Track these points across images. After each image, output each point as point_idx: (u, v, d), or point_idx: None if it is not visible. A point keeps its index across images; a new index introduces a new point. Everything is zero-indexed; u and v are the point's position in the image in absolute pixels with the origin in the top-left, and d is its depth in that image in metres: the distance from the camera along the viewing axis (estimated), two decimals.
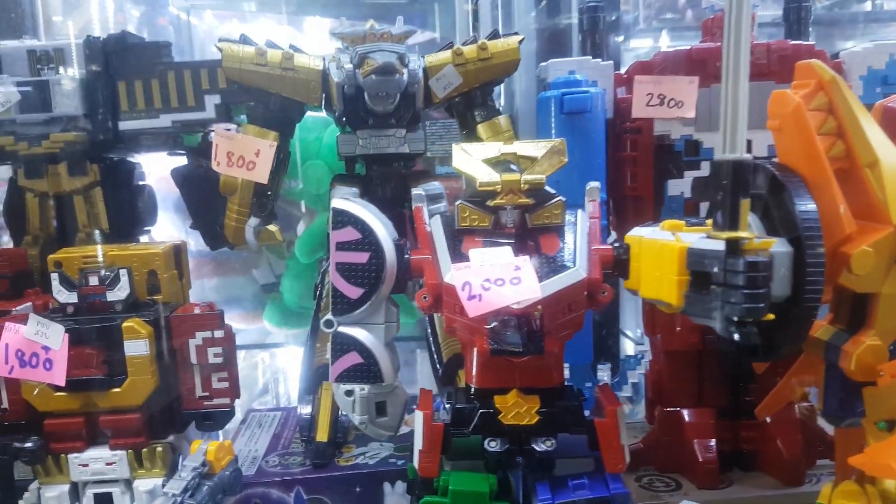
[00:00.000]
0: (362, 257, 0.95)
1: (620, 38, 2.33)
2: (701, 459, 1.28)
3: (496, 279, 0.88)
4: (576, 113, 1.23)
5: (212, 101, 1.41)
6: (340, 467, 1.24)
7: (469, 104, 1.32)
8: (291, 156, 1.45)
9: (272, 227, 1.34)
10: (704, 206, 1.27)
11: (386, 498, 1.21)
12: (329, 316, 0.97)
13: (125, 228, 1.54)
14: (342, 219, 0.95)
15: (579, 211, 1.00)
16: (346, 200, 0.96)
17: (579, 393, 1.00)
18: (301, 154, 1.80)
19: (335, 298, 0.96)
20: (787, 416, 1.31)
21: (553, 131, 1.27)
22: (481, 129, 1.30)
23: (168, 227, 1.79)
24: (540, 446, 0.95)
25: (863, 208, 0.88)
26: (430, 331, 1.35)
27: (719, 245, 0.77)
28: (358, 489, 1.20)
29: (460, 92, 1.29)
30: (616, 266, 0.96)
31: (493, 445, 0.95)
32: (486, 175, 0.94)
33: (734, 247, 0.76)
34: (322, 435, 1.26)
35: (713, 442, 1.29)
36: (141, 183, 1.62)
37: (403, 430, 1.39)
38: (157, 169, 1.71)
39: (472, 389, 0.99)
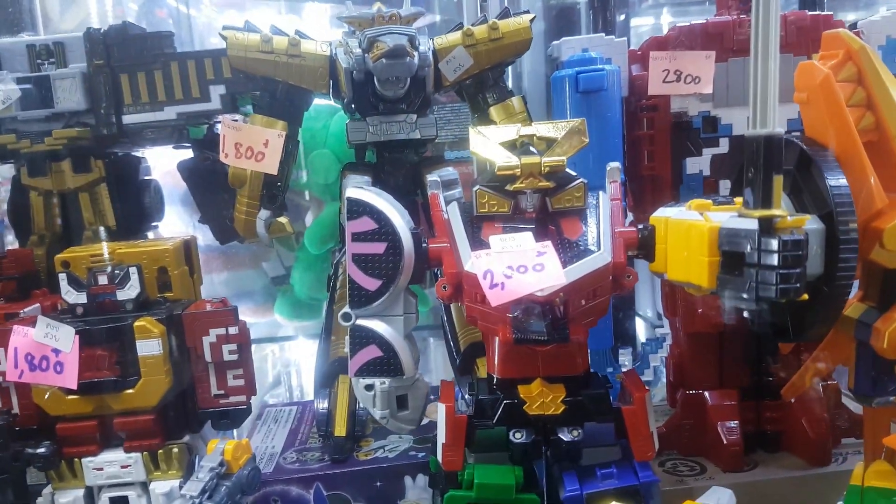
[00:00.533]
0: (379, 248, 0.92)
1: (622, 17, 2.30)
2: (725, 442, 1.26)
3: (519, 266, 0.85)
4: (592, 91, 1.20)
5: (217, 91, 1.38)
6: (360, 462, 1.22)
7: (481, 86, 1.29)
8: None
9: (282, 219, 1.31)
10: (724, 185, 1.24)
11: (407, 491, 1.19)
12: (346, 309, 0.94)
13: (132, 225, 1.52)
14: (358, 209, 0.92)
15: (600, 193, 0.97)
16: (361, 189, 0.94)
17: (605, 380, 0.98)
18: (307, 143, 1.77)
19: (352, 291, 0.94)
20: (812, 396, 1.29)
21: (568, 111, 1.24)
22: (494, 111, 1.27)
23: (176, 223, 1.76)
24: (567, 436, 0.92)
25: (893, 182, 0.86)
26: (445, 319, 1.32)
27: (752, 224, 0.74)
28: (378, 483, 1.18)
29: (471, 74, 1.26)
30: (641, 248, 0.93)
31: (518, 437, 0.93)
32: (504, 159, 0.91)
33: (768, 225, 0.73)
34: (340, 429, 1.24)
35: (737, 423, 1.27)
36: (147, 178, 1.59)
37: (424, 420, 1.38)
38: (163, 163, 1.69)
39: (495, 380, 0.97)
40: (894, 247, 0.83)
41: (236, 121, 1.28)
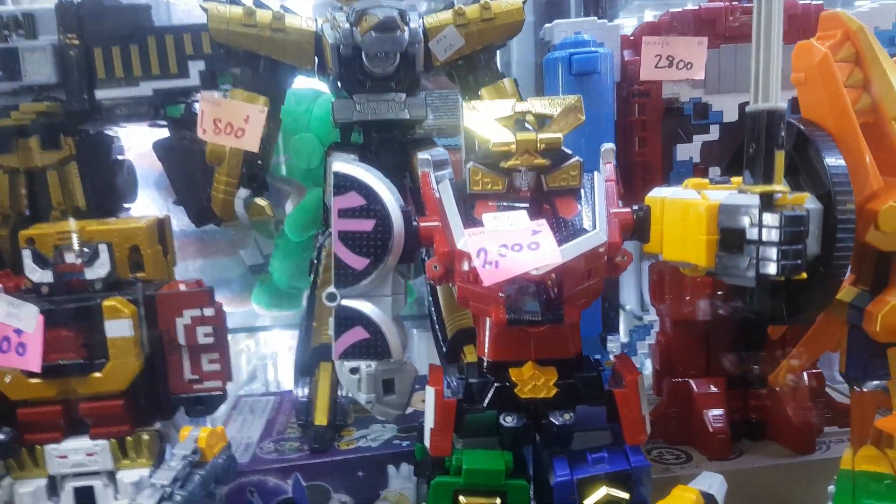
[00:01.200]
0: (367, 225, 0.89)
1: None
2: (712, 430, 1.25)
3: (513, 244, 0.83)
4: (585, 74, 1.17)
5: (196, 67, 1.33)
6: (341, 451, 1.18)
7: (471, 68, 1.26)
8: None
9: (262, 202, 1.27)
10: (714, 172, 1.23)
11: (391, 481, 1.15)
12: (331, 289, 0.90)
13: (103, 206, 1.45)
14: (345, 184, 0.89)
15: (595, 173, 0.95)
16: (349, 164, 0.90)
17: (597, 363, 0.96)
18: (289, 127, 1.72)
19: (338, 269, 0.90)
20: (796, 384, 1.29)
21: (561, 94, 1.21)
22: (485, 93, 1.25)
23: (149, 206, 1.70)
24: (558, 419, 0.90)
25: (889, 164, 0.85)
26: (432, 307, 1.29)
27: (753, 200, 0.72)
28: (361, 473, 1.15)
29: (462, 55, 1.22)
30: (636, 229, 0.91)
31: (509, 420, 0.90)
32: (499, 135, 0.88)
33: (769, 201, 0.71)
34: (321, 418, 1.20)
35: (723, 412, 1.26)
36: (120, 157, 1.53)
37: (408, 410, 1.35)
38: (137, 144, 1.63)
39: (486, 363, 0.94)
40: (889, 228, 0.82)
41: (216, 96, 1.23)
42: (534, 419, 0.91)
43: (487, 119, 0.90)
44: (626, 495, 0.89)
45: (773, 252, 0.71)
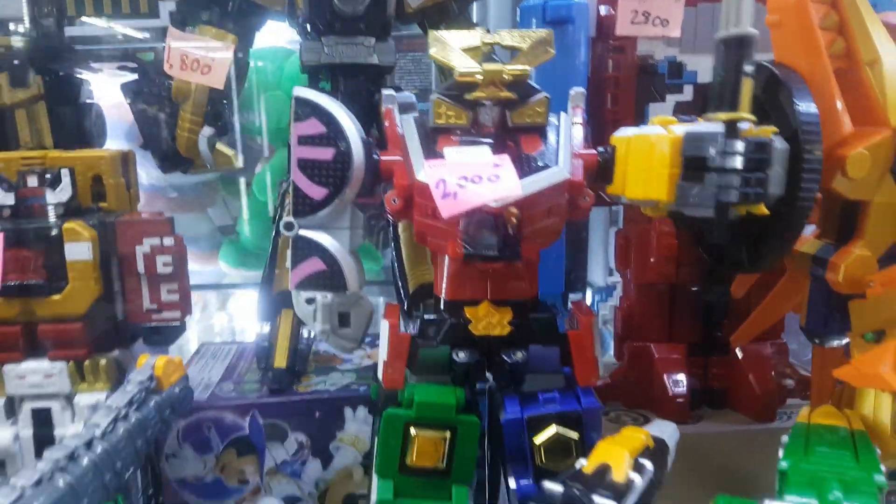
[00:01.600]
0: (327, 153, 0.87)
1: None
2: (671, 394, 1.25)
3: (473, 176, 0.82)
4: (558, 22, 1.16)
5: (167, 7, 1.31)
6: (299, 393, 1.17)
7: (443, 16, 1.25)
8: (250, 89, 1.36)
9: (228, 150, 1.25)
10: None
11: (347, 424, 1.15)
12: (289, 218, 0.89)
13: (70, 147, 1.43)
14: (306, 109, 0.87)
15: (562, 113, 0.94)
16: (310, 90, 0.89)
17: (553, 307, 0.95)
18: (260, 85, 1.71)
19: (296, 199, 0.89)
20: (759, 352, 1.30)
21: None
22: None
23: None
24: (511, 357, 0.90)
25: (860, 110, 0.85)
26: (395, 261, 1.28)
27: (717, 126, 0.72)
28: (318, 414, 1.14)
29: (435, 2, 1.21)
30: (601, 171, 0.90)
31: (461, 356, 0.90)
32: (465, 64, 0.87)
33: (733, 128, 0.71)
34: (280, 361, 1.19)
35: (683, 376, 1.26)
36: (88, 101, 1.51)
37: (367, 362, 1.34)
38: (109, 94, 1.60)
39: (442, 301, 0.93)
40: (857, 175, 0.82)
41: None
42: (486, 357, 0.91)
43: (454, 48, 0.89)
44: (575, 435, 0.88)
45: (734, 179, 0.71)
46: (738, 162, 0.70)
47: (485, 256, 0.85)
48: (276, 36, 1.29)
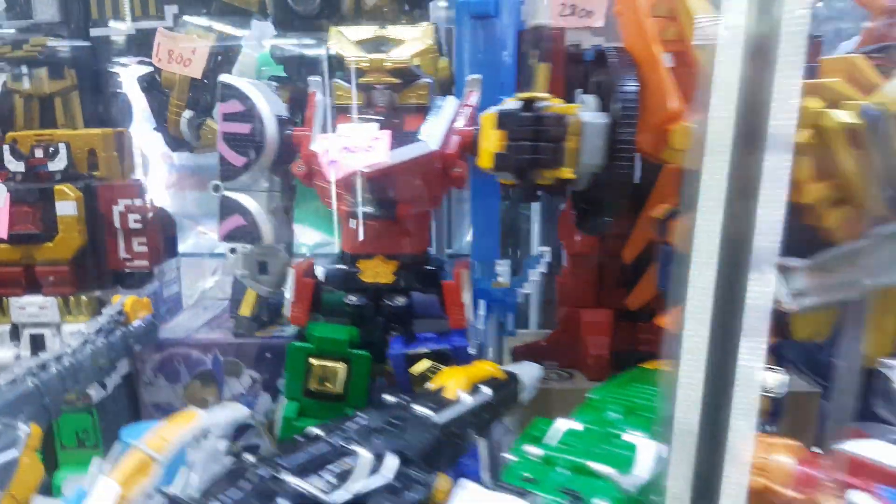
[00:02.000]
0: (245, 128, 1.07)
1: None
2: (592, 352, 1.37)
3: (353, 147, 0.99)
4: (482, 17, 1.29)
5: (171, 10, 1.55)
6: (257, 338, 1.37)
7: (399, 13, 1.39)
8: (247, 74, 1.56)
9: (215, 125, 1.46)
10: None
11: None
12: (216, 181, 1.09)
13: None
14: (228, 92, 1.07)
15: (450, 97, 1.09)
16: (235, 77, 1.08)
17: (440, 263, 1.11)
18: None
19: (222, 165, 1.09)
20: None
21: (465, 37, 1.34)
22: None
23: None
24: (393, 302, 1.06)
25: (693, 90, 0.95)
26: None
27: (517, 105, 0.85)
28: (268, 355, 1.34)
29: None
30: (474, 147, 1.04)
31: (352, 300, 1.07)
32: (355, 54, 1.04)
33: (528, 105, 0.84)
34: (245, 310, 1.39)
35: (606, 338, 1.37)
36: (117, 91, 1.78)
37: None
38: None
39: (343, 254, 1.11)
40: (680, 145, 0.93)
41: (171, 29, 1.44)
42: (375, 301, 1.08)
43: (349, 41, 1.06)
44: (444, 368, 1.04)
45: (529, 147, 0.85)
46: (529, 132, 0.83)
47: (365, 214, 1.02)
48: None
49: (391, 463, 0.77)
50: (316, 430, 0.81)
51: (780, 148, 0.46)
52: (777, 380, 0.95)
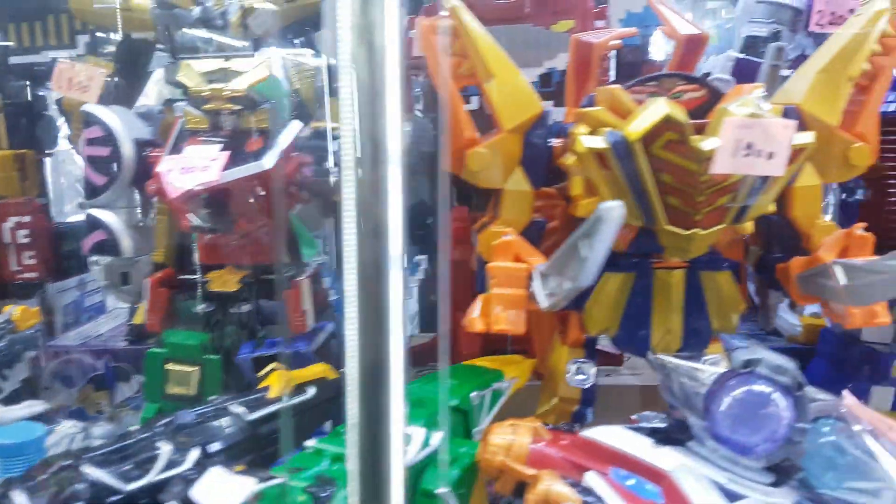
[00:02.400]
0: (105, 151, 1.17)
1: None
2: (464, 352, 1.45)
3: (190, 167, 1.09)
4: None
5: (83, 40, 1.66)
6: (147, 344, 1.47)
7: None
8: None
9: None
10: None
11: None
12: (81, 199, 1.19)
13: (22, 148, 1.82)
14: (90, 119, 1.18)
15: (295, 121, 1.19)
16: (96, 105, 1.19)
17: (288, 270, 1.20)
18: None
19: (86, 185, 1.19)
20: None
21: None
22: None
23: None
24: (237, 309, 1.16)
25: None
26: None
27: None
28: None
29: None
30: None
31: (200, 308, 1.17)
32: (197, 84, 1.14)
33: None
34: (137, 319, 1.49)
35: (477, 339, 1.46)
36: (44, 112, 1.90)
37: None
38: None
39: (197, 265, 1.20)
40: (476, 167, 1.02)
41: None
42: (222, 308, 1.17)
43: (196, 72, 1.16)
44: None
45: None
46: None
47: (206, 228, 1.12)
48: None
49: (193, 455, 0.86)
50: (131, 428, 0.90)
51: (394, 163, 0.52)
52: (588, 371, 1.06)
